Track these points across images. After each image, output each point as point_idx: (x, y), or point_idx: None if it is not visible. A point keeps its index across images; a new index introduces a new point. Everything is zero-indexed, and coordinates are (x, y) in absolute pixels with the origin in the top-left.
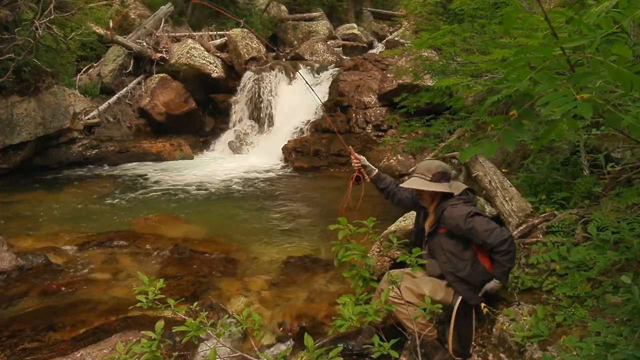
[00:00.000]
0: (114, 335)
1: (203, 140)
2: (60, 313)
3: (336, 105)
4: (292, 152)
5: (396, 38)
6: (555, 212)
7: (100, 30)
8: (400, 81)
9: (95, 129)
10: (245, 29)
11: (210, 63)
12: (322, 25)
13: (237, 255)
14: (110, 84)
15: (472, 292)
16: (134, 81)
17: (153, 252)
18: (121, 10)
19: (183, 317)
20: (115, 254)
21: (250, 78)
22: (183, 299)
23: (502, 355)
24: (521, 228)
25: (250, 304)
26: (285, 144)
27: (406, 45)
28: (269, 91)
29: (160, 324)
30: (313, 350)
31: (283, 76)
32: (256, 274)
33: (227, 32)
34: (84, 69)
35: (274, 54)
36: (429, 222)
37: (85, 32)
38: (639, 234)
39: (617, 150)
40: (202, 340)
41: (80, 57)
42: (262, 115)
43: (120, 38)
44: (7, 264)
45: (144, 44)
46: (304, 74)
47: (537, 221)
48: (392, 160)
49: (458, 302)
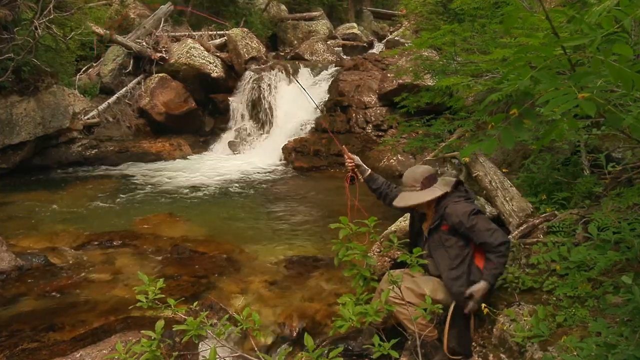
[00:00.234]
0: (113, 335)
1: (203, 140)
2: (59, 313)
3: (336, 105)
4: (292, 152)
5: (396, 38)
6: (556, 212)
7: (99, 30)
8: (401, 81)
9: (95, 129)
10: (245, 29)
11: (210, 63)
12: (322, 25)
13: (237, 255)
14: (109, 84)
15: (462, 291)
16: (134, 81)
17: (152, 252)
18: (121, 10)
19: (183, 316)
20: (115, 254)
21: (250, 78)
22: (183, 299)
23: (503, 356)
24: (522, 228)
25: (250, 304)
26: (285, 144)
27: (406, 44)
28: (269, 91)
29: (160, 324)
30: (313, 351)
31: (283, 76)
32: (256, 274)
33: (226, 32)
34: (83, 69)
35: (274, 53)
36: (429, 220)
37: (85, 32)
38: (639, 234)
39: (617, 150)
40: (202, 340)
41: (79, 57)
42: (262, 115)
43: (119, 38)
44: (6, 264)
45: (144, 43)
46: (304, 74)
47: (537, 221)
48: (392, 160)
49: (454, 302)
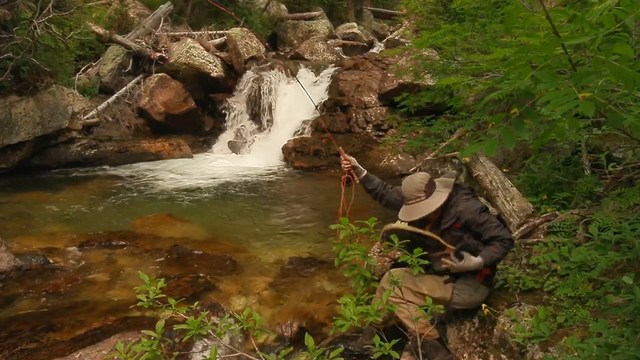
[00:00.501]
0: (113, 336)
1: (202, 140)
2: (59, 314)
3: (336, 105)
4: (292, 152)
5: (396, 37)
6: (557, 212)
7: (99, 30)
8: (401, 81)
9: (94, 129)
10: (244, 29)
11: (210, 62)
12: (322, 25)
13: (237, 255)
14: (109, 84)
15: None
16: (133, 81)
17: (152, 253)
18: (120, 9)
19: (184, 316)
20: (114, 254)
21: (250, 77)
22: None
23: (503, 356)
24: (522, 228)
25: (250, 304)
26: (285, 144)
27: (407, 44)
28: (269, 91)
29: (160, 323)
30: (314, 351)
31: (283, 75)
32: (256, 274)
33: (226, 32)
34: (82, 69)
35: (274, 53)
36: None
37: (84, 32)
38: None
39: (618, 150)
40: (202, 340)
41: (78, 57)
42: (261, 114)
43: (119, 37)
44: (5, 265)
45: (143, 43)
46: (304, 74)
47: (538, 221)
48: (392, 160)
49: None
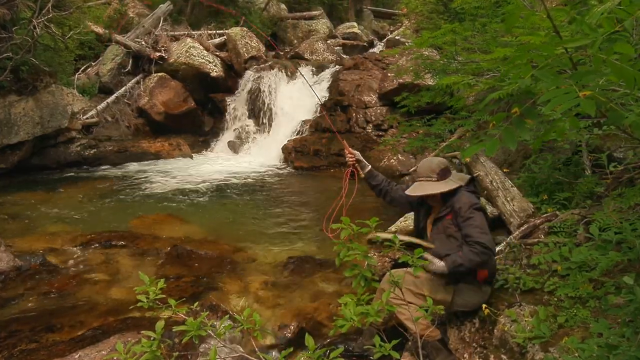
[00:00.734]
0: (112, 336)
1: (202, 140)
2: (58, 314)
3: (336, 105)
4: (292, 152)
5: (397, 37)
6: (557, 212)
7: (98, 29)
8: (401, 80)
9: (94, 129)
10: (244, 28)
11: (210, 62)
12: (322, 24)
13: (237, 255)
14: (108, 83)
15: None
16: (133, 80)
17: (152, 253)
18: (120, 9)
19: (184, 317)
20: (114, 254)
21: (250, 77)
22: (183, 300)
23: (504, 357)
24: (523, 228)
25: (250, 304)
26: (285, 144)
27: (407, 44)
28: (269, 90)
29: (160, 324)
30: (314, 351)
31: (283, 75)
32: (256, 274)
33: (226, 31)
34: (82, 68)
35: (273, 52)
36: (435, 212)
37: (84, 31)
38: None
39: (619, 150)
40: (202, 341)
41: (78, 56)
42: (261, 114)
43: (118, 37)
44: (5, 265)
45: (143, 42)
46: (304, 73)
47: (538, 221)
48: (392, 160)
49: None
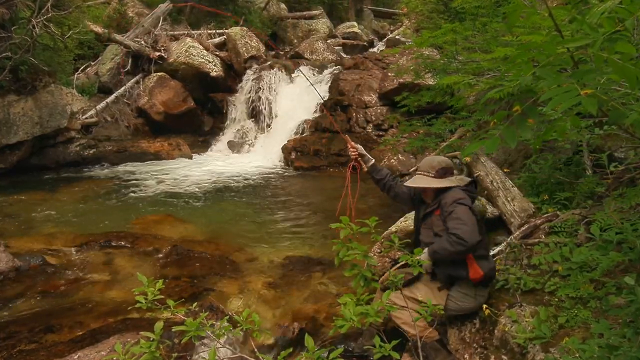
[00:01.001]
0: (111, 337)
1: (202, 140)
2: (57, 314)
3: (336, 105)
4: (292, 152)
5: (397, 36)
6: (558, 212)
7: (98, 29)
8: (401, 80)
9: (93, 129)
10: (244, 28)
11: (209, 62)
12: (322, 24)
13: (237, 255)
14: (108, 83)
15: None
16: (132, 80)
17: (151, 253)
18: (119, 8)
19: (183, 317)
20: (113, 254)
21: (250, 77)
22: (182, 300)
23: (504, 357)
24: (523, 228)
25: (250, 304)
26: (285, 144)
27: (407, 43)
28: (269, 90)
29: (159, 325)
30: (314, 352)
31: (283, 75)
32: (256, 275)
33: (226, 31)
34: (81, 68)
35: (273, 52)
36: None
37: (83, 31)
38: None
39: (620, 150)
40: (201, 341)
41: (77, 56)
42: (261, 114)
43: (118, 36)
44: (4, 265)
45: (142, 42)
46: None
47: (539, 221)
48: (392, 160)
49: None
